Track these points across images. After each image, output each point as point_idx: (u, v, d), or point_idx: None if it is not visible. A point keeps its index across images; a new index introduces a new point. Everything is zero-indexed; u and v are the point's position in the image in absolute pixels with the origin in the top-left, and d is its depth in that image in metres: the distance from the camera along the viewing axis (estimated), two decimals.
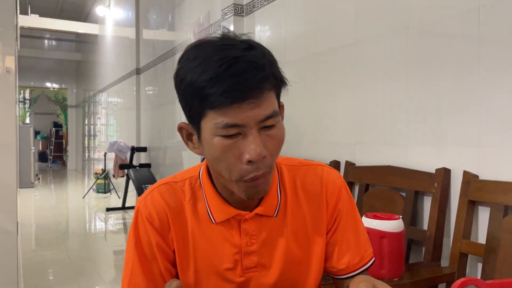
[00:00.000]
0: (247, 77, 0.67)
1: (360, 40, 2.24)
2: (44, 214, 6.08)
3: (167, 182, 0.86)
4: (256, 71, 0.68)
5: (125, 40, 7.01)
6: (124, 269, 0.84)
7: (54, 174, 12.19)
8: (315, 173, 0.88)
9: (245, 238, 0.82)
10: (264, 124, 0.70)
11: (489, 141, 1.61)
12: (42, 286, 3.09)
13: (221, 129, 0.69)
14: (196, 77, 0.69)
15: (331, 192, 0.87)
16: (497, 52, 1.58)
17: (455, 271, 1.62)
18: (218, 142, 0.70)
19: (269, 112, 0.70)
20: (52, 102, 14.01)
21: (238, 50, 0.70)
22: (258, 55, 0.71)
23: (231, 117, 0.68)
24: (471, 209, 1.65)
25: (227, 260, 0.82)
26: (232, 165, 0.72)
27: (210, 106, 0.69)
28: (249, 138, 0.70)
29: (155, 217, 0.81)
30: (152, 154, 5.87)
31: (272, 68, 0.72)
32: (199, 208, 0.83)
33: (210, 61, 0.69)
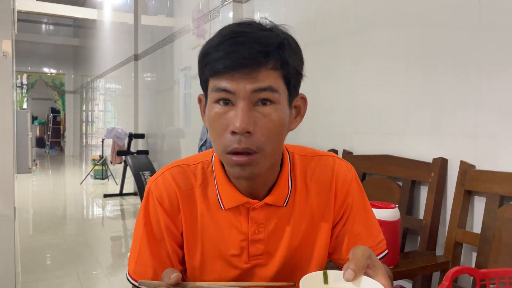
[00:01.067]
0: (244, 48, 0.69)
1: (359, 29, 2.22)
2: (42, 199, 6.09)
3: (180, 164, 0.86)
4: (256, 45, 0.70)
5: (123, 26, 6.95)
6: (132, 247, 0.85)
7: (51, 160, 12.18)
8: (326, 164, 0.87)
9: (253, 226, 0.82)
10: (258, 96, 0.71)
11: (486, 131, 1.61)
12: (39, 270, 3.10)
13: (215, 92, 0.72)
14: (206, 46, 0.74)
15: (341, 185, 0.86)
16: (496, 43, 1.57)
17: (449, 260, 1.64)
18: (213, 109, 0.73)
19: (263, 85, 0.70)
20: (50, 88, 13.94)
21: (250, 28, 0.73)
22: (268, 36, 0.72)
23: (223, 82, 0.71)
24: (467, 198, 1.66)
25: (234, 246, 0.83)
26: (220, 135, 0.73)
27: (209, 72, 0.72)
28: (237, 108, 0.71)
29: (165, 198, 0.82)
30: (150, 141, 5.87)
31: (280, 50, 0.72)
32: (209, 193, 0.83)
33: (221, 34, 0.73)
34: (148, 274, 0.83)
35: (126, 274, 0.87)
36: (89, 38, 10.39)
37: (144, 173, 5.02)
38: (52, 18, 11.74)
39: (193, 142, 4.03)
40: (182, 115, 4.70)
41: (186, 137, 4.64)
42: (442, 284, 1.05)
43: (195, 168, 0.85)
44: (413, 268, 1.57)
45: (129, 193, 6.02)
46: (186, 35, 4.54)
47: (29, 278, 2.91)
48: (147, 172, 5.05)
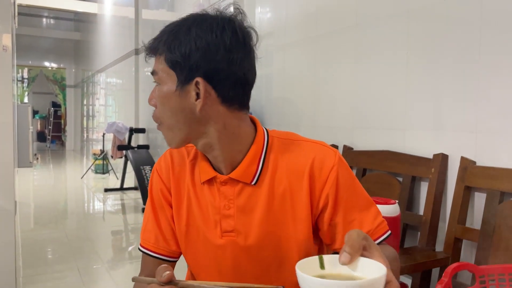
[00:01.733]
0: (156, 38, 0.85)
1: (360, 24, 2.21)
2: (43, 193, 6.10)
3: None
4: (158, 35, 0.84)
5: (124, 20, 6.93)
6: (144, 215, 0.98)
7: (52, 154, 12.19)
8: (305, 150, 0.87)
9: (223, 201, 0.87)
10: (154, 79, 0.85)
11: (487, 127, 1.61)
12: (40, 264, 3.12)
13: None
14: None
15: (318, 173, 0.85)
16: (498, 37, 1.56)
17: (449, 256, 1.64)
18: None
19: (152, 70, 0.85)
20: (51, 82, 13.94)
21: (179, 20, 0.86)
22: (175, 27, 0.84)
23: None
24: (467, 194, 1.65)
25: (210, 220, 0.89)
26: None
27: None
28: None
29: (163, 170, 0.95)
30: (151, 136, 5.87)
31: (168, 38, 0.82)
32: (196, 170, 0.92)
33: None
34: (151, 240, 0.94)
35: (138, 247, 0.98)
36: (90, 32, 10.37)
37: (144, 168, 5.02)
38: (53, 12, 11.71)
39: None
40: None
41: None
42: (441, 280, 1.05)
43: (191, 150, 0.94)
44: (412, 264, 1.57)
45: (130, 188, 6.02)
46: None
47: (30, 272, 2.93)
48: (147, 167, 5.05)
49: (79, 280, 2.79)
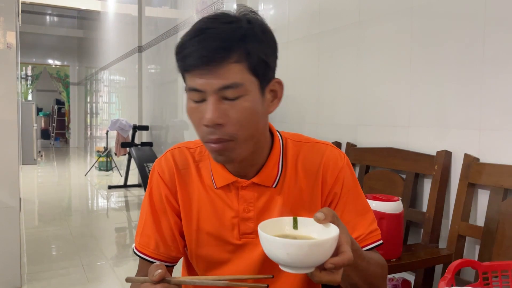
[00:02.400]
0: (204, 46, 0.73)
1: (364, 21, 2.21)
2: (47, 190, 6.13)
3: (181, 147, 0.94)
4: (216, 42, 0.73)
5: (127, 17, 6.93)
6: (139, 221, 0.93)
7: (56, 151, 12.24)
8: (318, 151, 0.90)
9: (242, 204, 0.87)
10: (224, 94, 0.75)
11: (491, 124, 1.60)
12: (45, 261, 3.13)
13: (187, 91, 0.78)
14: (179, 41, 0.78)
15: (330, 172, 0.88)
16: (502, 34, 1.56)
17: (452, 253, 1.64)
18: (188, 104, 0.79)
19: (227, 83, 0.74)
20: (54, 79, 13.97)
21: (215, 23, 0.75)
22: (231, 28, 0.74)
23: (192, 81, 0.76)
24: (471, 191, 1.65)
25: (226, 223, 0.88)
26: (197, 126, 0.79)
27: (181, 69, 0.78)
28: (207, 103, 0.76)
29: (166, 173, 0.90)
30: (154, 133, 5.88)
31: (244, 43, 0.74)
32: (204, 174, 0.90)
33: (190, 30, 0.77)
34: (150, 245, 0.90)
35: (132, 248, 0.95)
36: (93, 30, 10.38)
37: (148, 165, 5.03)
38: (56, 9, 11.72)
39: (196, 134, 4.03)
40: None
41: (190, 129, 4.64)
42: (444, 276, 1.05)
43: (194, 151, 0.92)
44: (415, 260, 1.57)
45: (134, 185, 6.04)
46: (190, 26, 4.52)
47: (34, 269, 2.94)
48: (151, 164, 5.06)
49: (83, 277, 2.81)
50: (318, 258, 0.63)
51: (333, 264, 0.64)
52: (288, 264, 0.64)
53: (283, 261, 0.64)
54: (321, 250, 0.63)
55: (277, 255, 0.64)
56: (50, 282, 2.72)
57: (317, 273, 0.65)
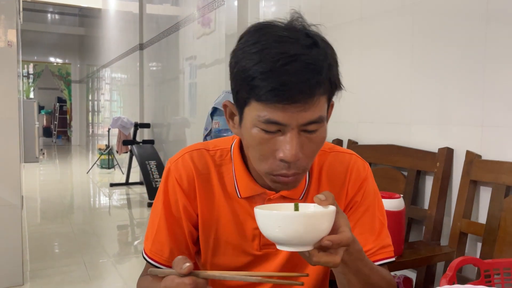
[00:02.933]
0: (300, 79, 0.66)
1: (365, 17, 2.20)
2: (49, 188, 6.14)
3: (199, 148, 0.88)
4: (311, 74, 0.67)
5: (128, 15, 6.93)
6: (149, 225, 0.88)
7: (58, 149, 12.26)
8: (342, 162, 0.88)
9: None
10: (307, 128, 0.70)
11: (493, 121, 1.59)
12: (47, 259, 3.14)
13: (262, 122, 0.69)
14: (250, 65, 0.68)
15: (353, 182, 0.87)
16: (504, 30, 1.55)
17: (454, 250, 1.63)
18: (256, 133, 0.71)
19: (314, 118, 0.69)
20: (56, 77, 13.99)
21: (299, 47, 0.68)
22: (319, 56, 0.69)
23: (274, 114, 0.68)
24: (473, 189, 1.64)
25: (247, 234, 0.86)
26: (265, 158, 0.72)
27: (256, 97, 0.68)
28: (287, 137, 0.69)
29: (184, 179, 0.84)
30: (156, 131, 5.88)
31: (330, 72, 0.70)
32: (227, 180, 0.86)
33: (268, 53, 0.67)
34: (164, 253, 0.85)
35: (142, 251, 0.89)
36: (94, 28, 10.38)
37: (149, 163, 5.04)
38: (58, 7, 11.74)
39: (199, 131, 4.04)
40: (188, 105, 4.70)
41: (191, 126, 4.64)
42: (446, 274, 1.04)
43: (214, 154, 0.87)
44: (417, 258, 1.57)
45: (135, 182, 6.05)
46: (191, 24, 4.52)
47: (37, 266, 2.95)
48: (152, 162, 5.06)
49: (85, 274, 2.82)
50: (312, 234, 0.62)
51: (330, 241, 0.62)
52: (283, 240, 0.63)
53: (277, 238, 0.63)
54: (315, 224, 0.62)
55: (271, 231, 0.63)
56: (52, 279, 2.73)
57: (315, 252, 0.63)
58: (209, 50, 4.07)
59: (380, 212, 0.89)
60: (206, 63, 4.16)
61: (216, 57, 3.89)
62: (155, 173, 4.92)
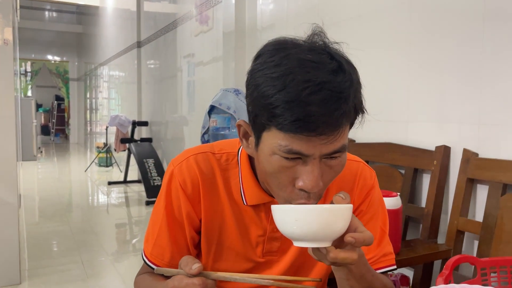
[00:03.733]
0: (326, 110, 0.62)
1: (362, 15, 2.19)
2: (47, 187, 6.13)
3: (205, 151, 0.84)
4: (337, 104, 0.63)
5: (126, 13, 6.91)
6: (150, 227, 0.86)
7: (56, 147, 12.24)
8: (350, 170, 0.87)
9: (272, 224, 0.83)
10: (329, 156, 0.67)
11: (490, 119, 1.59)
12: (45, 257, 3.14)
13: (283, 152, 0.65)
14: (272, 92, 0.63)
15: (360, 191, 0.88)
16: (502, 27, 1.54)
17: (451, 248, 1.63)
18: (276, 160, 0.67)
19: (338, 147, 0.66)
20: (54, 75, 13.96)
21: (325, 73, 0.63)
22: (345, 82, 0.64)
23: (296, 144, 0.64)
24: (470, 187, 1.64)
25: (251, 240, 0.85)
26: (283, 186, 0.69)
27: (278, 126, 0.64)
28: (308, 166, 0.66)
29: (188, 184, 0.82)
30: (154, 129, 5.87)
31: (355, 99, 0.66)
32: (232, 185, 0.84)
33: (293, 80, 0.62)
34: (165, 258, 0.84)
35: (142, 253, 0.88)
36: (92, 25, 10.35)
37: (147, 161, 5.03)
38: (55, 4, 11.69)
39: (197, 129, 4.03)
40: (186, 103, 4.69)
41: (189, 124, 4.63)
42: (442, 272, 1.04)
43: (220, 158, 0.84)
44: (414, 256, 1.57)
45: (133, 181, 6.04)
46: (188, 21, 4.50)
47: (34, 265, 2.95)
48: (150, 160, 5.06)
49: (83, 273, 2.81)
50: (330, 228, 0.61)
51: (353, 238, 0.61)
52: (301, 235, 0.62)
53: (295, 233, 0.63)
54: (333, 218, 0.61)
55: (289, 226, 0.63)
56: (50, 278, 2.73)
57: (333, 249, 0.63)
58: (207, 48, 4.06)
59: (383, 220, 0.89)
60: (204, 61, 4.15)
61: (214, 54, 3.88)
62: (153, 171, 4.92)
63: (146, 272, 0.88)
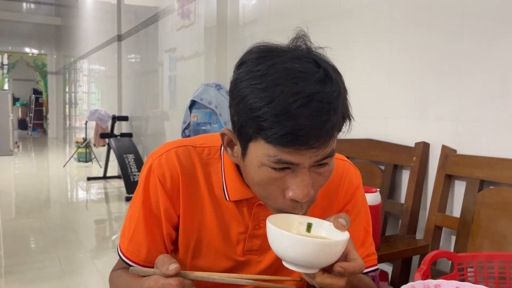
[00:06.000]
0: (316, 122, 0.61)
1: (345, 11, 2.19)
2: (24, 182, 6.00)
3: (186, 145, 0.82)
4: (327, 116, 0.62)
5: (106, 5, 6.78)
6: (127, 222, 0.83)
7: (34, 142, 11.99)
8: (336, 169, 0.85)
9: (254, 221, 0.82)
10: (318, 163, 0.66)
11: (468, 116, 1.61)
12: (21, 254, 3.07)
13: (272, 162, 0.64)
14: (260, 104, 0.62)
15: (346, 190, 0.87)
16: (480, 26, 1.56)
17: (429, 244, 1.65)
18: (264, 172, 0.66)
19: (327, 153, 0.66)
20: (31, 68, 13.64)
21: (314, 83, 0.63)
22: (333, 92, 0.64)
23: (286, 155, 0.63)
24: (448, 183, 1.67)
25: (232, 238, 0.83)
26: (273, 197, 0.68)
27: (266, 139, 0.63)
28: (298, 177, 0.65)
29: (168, 179, 0.79)
30: (134, 124, 5.80)
31: (343, 108, 0.66)
32: (214, 181, 0.81)
33: (281, 92, 0.61)
34: (141, 254, 0.82)
35: (117, 248, 0.85)
36: (71, 18, 10.14)
37: (127, 156, 4.96)
38: None
39: (178, 125, 3.99)
40: (167, 98, 4.64)
41: (170, 119, 4.59)
42: (420, 268, 1.05)
43: (202, 151, 0.82)
44: (393, 252, 1.59)
45: (113, 176, 5.96)
46: (170, 15, 4.45)
47: (10, 262, 2.88)
48: (131, 155, 4.99)
49: (60, 270, 2.76)
50: (323, 259, 0.61)
51: (343, 268, 0.61)
52: (291, 260, 0.62)
53: (286, 257, 0.62)
54: (326, 252, 0.61)
55: (280, 249, 0.62)
56: (26, 275, 2.67)
57: (320, 274, 0.62)
58: (189, 42, 4.02)
59: (366, 220, 0.90)
60: (186, 56, 4.11)
61: (196, 49, 3.85)
62: (133, 167, 4.86)
63: (121, 268, 0.86)
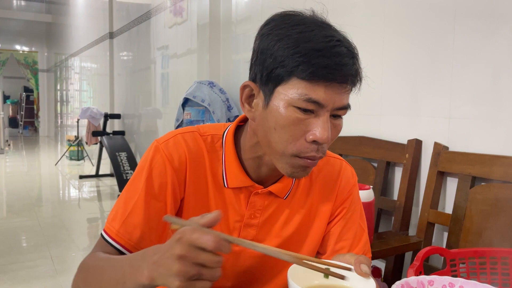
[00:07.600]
0: (348, 62, 0.68)
1: (337, 8, 2.20)
2: (16, 181, 5.95)
3: (193, 131, 0.83)
4: (354, 60, 0.70)
5: (98, 2, 6.73)
6: (121, 206, 0.79)
7: (25, 140, 11.89)
8: (334, 167, 0.90)
9: (250, 210, 0.83)
10: (337, 112, 0.72)
11: (460, 113, 1.62)
12: (12, 253, 3.04)
13: (302, 101, 0.68)
14: (299, 43, 0.67)
15: (343, 188, 0.89)
16: (472, 25, 1.57)
17: (422, 240, 1.66)
18: (291, 112, 0.69)
19: (346, 103, 0.72)
20: (22, 66, 13.50)
21: (339, 33, 0.72)
22: (352, 45, 0.73)
23: (317, 93, 0.67)
24: (440, 179, 1.68)
25: (227, 225, 0.83)
26: (294, 139, 0.71)
27: (301, 75, 0.67)
28: (321, 119, 0.69)
29: (175, 158, 0.79)
30: (126, 121, 5.77)
31: (359, 62, 0.73)
32: (215, 167, 0.82)
33: (317, 34, 0.68)
34: (133, 237, 0.76)
35: (101, 233, 0.79)
36: (62, 15, 10.05)
37: (120, 154, 4.94)
38: None
39: (170, 122, 3.98)
40: (159, 95, 4.62)
41: (163, 117, 4.57)
42: (413, 264, 1.06)
43: (206, 139, 0.83)
44: (386, 248, 1.59)
45: (106, 174, 5.93)
46: (162, 12, 4.42)
47: (3, 261, 2.86)
48: (123, 153, 4.97)
49: (52, 269, 2.74)
50: None
51: None
52: None
53: None
54: None
55: None
56: (17, 274, 2.65)
57: None
58: (181, 39, 4.00)
59: (362, 218, 0.92)
60: (178, 53, 4.09)
61: (188, 47, 3.83)
62: (125, 165, 4.83)
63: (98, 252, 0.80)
